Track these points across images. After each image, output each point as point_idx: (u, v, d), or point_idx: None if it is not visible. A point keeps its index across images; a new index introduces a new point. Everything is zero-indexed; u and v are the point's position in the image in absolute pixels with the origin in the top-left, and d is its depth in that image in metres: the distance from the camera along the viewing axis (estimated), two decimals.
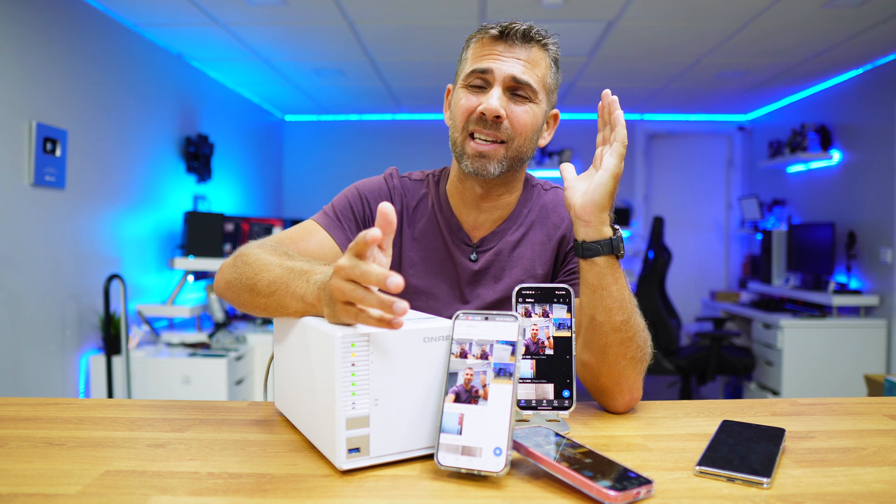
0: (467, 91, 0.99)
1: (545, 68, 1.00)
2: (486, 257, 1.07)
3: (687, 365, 3.84)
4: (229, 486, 0.61)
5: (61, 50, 2.70)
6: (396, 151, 5.53)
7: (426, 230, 1.10)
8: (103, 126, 3.02)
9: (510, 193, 1.08)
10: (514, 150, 0.99)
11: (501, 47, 0.98)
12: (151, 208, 3.46)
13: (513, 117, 0.97)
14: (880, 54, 3.60)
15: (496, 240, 1.08)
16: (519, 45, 0.98)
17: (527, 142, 1.00)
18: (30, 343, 2.56)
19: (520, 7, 2.94)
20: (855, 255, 3.87)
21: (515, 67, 0.97)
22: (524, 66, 0.97)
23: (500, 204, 1.07)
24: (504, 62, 0.97)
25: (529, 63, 0.98)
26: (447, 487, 0.61)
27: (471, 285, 1.08)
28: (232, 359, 3.12)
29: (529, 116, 0.98)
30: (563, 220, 1.09)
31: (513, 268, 1.07)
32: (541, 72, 0.99)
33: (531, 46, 0.99)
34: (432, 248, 1.09)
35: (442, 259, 1.08)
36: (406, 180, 1.14)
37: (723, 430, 0.74)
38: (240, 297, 0.89)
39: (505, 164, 0.99)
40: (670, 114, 5.41)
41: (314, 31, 3.35)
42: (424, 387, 0.68)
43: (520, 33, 0.97)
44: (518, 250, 1.08)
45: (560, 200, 1.11)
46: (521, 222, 1.09)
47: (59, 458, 0.69)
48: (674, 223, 5.30)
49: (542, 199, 1.11)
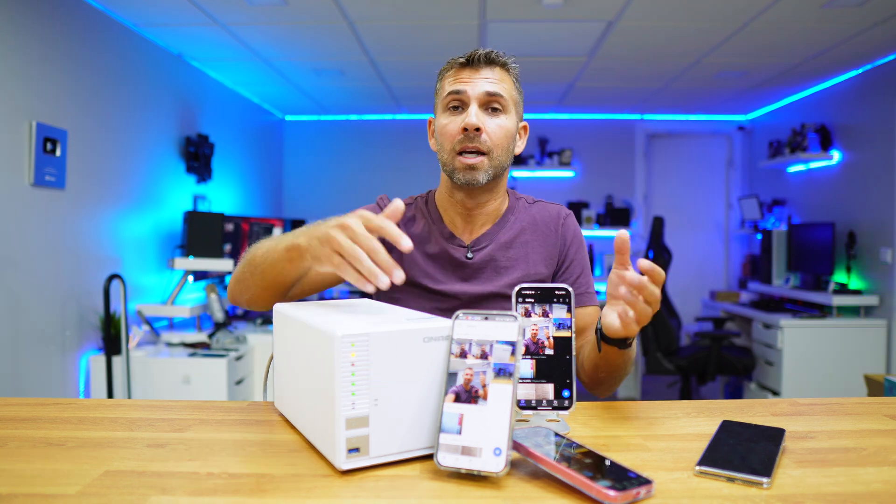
0: (447, 113, 1.14)
1: (510, 84, 1.16)
2: (482, 255, 1.19)
3: (687, 365, 3.84)
4: (229, 486, 0.61)
5: (61, 50, 2.70)
6: (396, 151, 5.53)
7: (422, 236, 1.22)
8: (103, 126, 3.02)
9: (495, 199, 1.21)
10: (495, 159, 1.14)
11: (469, 71, 1.13)
12: (151, 208, 3.46)
13: (489, 131, 1.12)
14: (880, 54, 3.60)
15: (488, 239, 1.20)
16: (484, 66, 1.13)
17: (504, 152, 1.15)
18: (30, 343, 2.56)
19: (520, 7, 2.94)
20: (855, 255, 3.87)
21: (486, 85, 1.12)
22: (492, 83, 1.12)
23: (487, 210, 1.21)
24: (475, 83, 1.12)
25: (496, 80, 1.13)
26: (447, 487, 0.61)
27: (470, 281, 1.19)
28: (232, 359, 3.12)
29: (503, 129, 1.13)
30: (556, 232, 1.22)
31: (511, 266, 1.19)
32: (507, 86, 1.15)
33: (494, 67, 1.14)
34: (430, 250, 1.21)
35: (439, 255, 1.20)
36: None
37: (723, 430, 0.74)
38: (245, 283, 1.06)
39: (490, 172, 1.14)
40: (670, 114, 5.41)
41: (314, 31, 3.35)
42: (424, 387, 0.68)
43: (483, 57, 1.13)
44: (513, 250, 1.20)
45: (547, 212, 1.25)
46: (511, 226, 1.22)
47: (59, 458, 0.69)
48: (674, 223, 5.30)
49: (529, 211, 1.25)
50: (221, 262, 3.42)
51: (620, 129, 5.51)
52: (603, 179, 5.50)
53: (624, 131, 5.51)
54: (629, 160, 5.53)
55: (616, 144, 5.51)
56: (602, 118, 5.47)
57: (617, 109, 5.26)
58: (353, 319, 0.70)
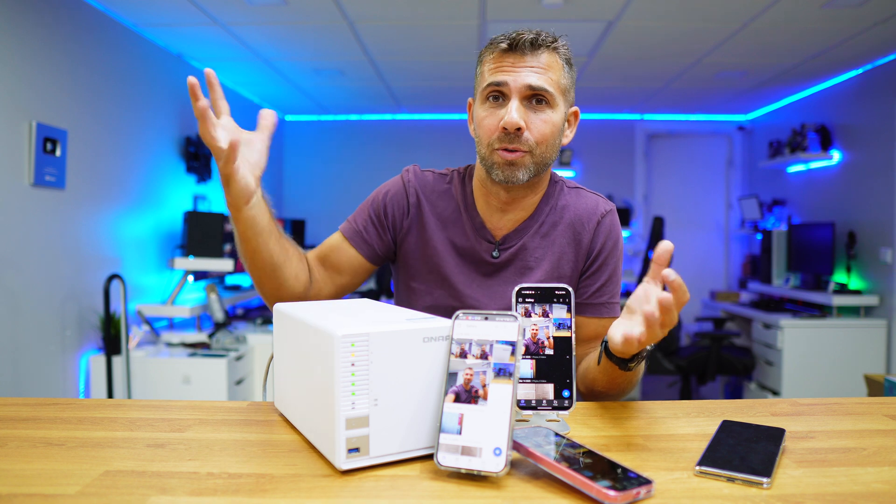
0: (487, 105, 1.03)
1: (558, 70, 1.02)
2: (508, 254, 1.11)
3: (687, 365, 3.84)
4: (229, 486, 0.61)
5: (61, 50, 2.70)
6: (396, 151, 5.53)
7: (450, 222, 1.14)
8: (103, 126, 3.02)
9: (535, 195, 1.11)
10: (538, 156, 1.03)
11: (513, 58, 1.00)
12: (151, 208, 3.46)
13: (532, 128, 1.01)
14: (880, 54, 3.60)
15: (518, 238, 1.11)
16: (529, 53, 1.00)
17: (549, 148, 1.04)
18: (30, 343, 2.56)
19: (520, 7, 2.94)
20: (855, 255, 3.87)
21: (529, 77, 0.99)
22: (537, 73, 1.00)
23: (524, 205, 1.11)
24: (518, 73, 0.99)
25: (542, 69, 1.00)
26: (447, 487, 0.61)
27: (492, 278, 1.11)
28: (232, 359, 3.12)
29: (548, 125, 1.02)
30: (589, 228, 1.12)
31: (537, 267, 1.10)
32: (554, 75, 1.02)
33: (541, 53, 1.01)
34: (456, 239, 1.13)
35: (464, 251, 1.12)
36: (427, 174, 1.18)
37: (723, 430, 0.74)
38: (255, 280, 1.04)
39: (532, 169, 1.03)
40: (670, 114, 5.41)
41: (314, 31, 3.35)
42: (424, 387, 0.67)
43: (528, 42, 0.99)
44: (541, 251, 1.11)
45: (584, 204, 1.13)
46: (543, 221, 1.12)
47: (59, 458, 0.68)
48: (674, 223, 5.30)
49: (565, 198, 1.14)
50: (221, 262, 3.42)
51: (620, 129, 5.51)
52: (603, 179, 5.50)
53: (624, 131, 5.52)
54: (629, 160, 5.53)
55: (616, 144, 5.51)
56: (602, 118, 5.47)
57: (617, 109, 5.26)
58: (353, 319, 0.70)
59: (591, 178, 5.49)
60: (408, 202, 1.15)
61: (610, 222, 1.12)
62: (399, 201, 1.15)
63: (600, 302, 1.10)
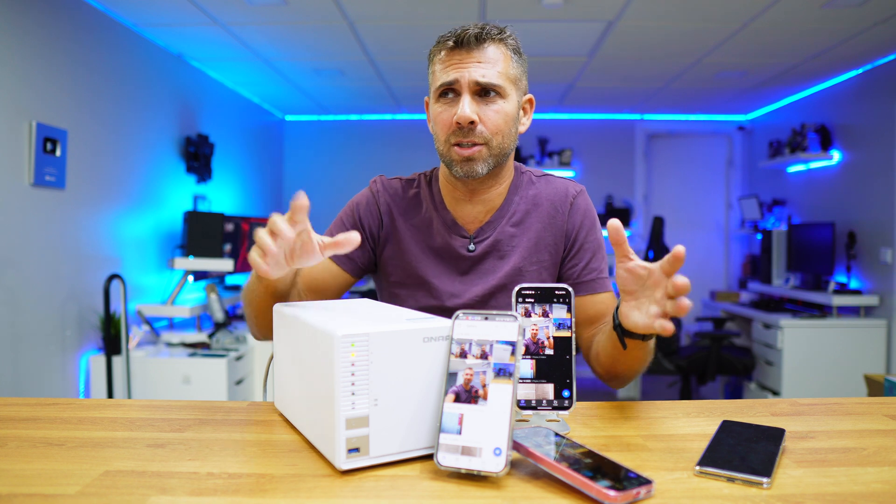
0: (441, 102, 1.06)
1: (507, 61, 1.05)
2: (484, 246, 1.14)
3: (687, 365, 3.84)
4: (229, 486, 0.61)
5: (61, 50, 2.70)
6: (396, 151, 5.53)
7: (423, 226, 1.16)
8: (103, 126, 3.02)
9: (499, 185, 1.14)
10: (496, 147, 1.05)
11: (460, 55, 1.03)
12: (151, 208, 3.46)
13: (486, 120, 1.03)
14: (880, 54, 3.60)
15: (491, 229, 1.14)
16: (476, 48, 1.03)
17: (505, 138, 1.06)
18: (30, 343, 2.56)
19: (520, 7, 2.94)
20: (855, 255, 3.87)
21: (476, 71, 1.02)
22: (485, 67, 1.02)
23: (490, 195, 1.14)
24: (466, 69, 1.02)
25: (489, 63, 1.03)
26: (447, 487, 0.61)
27: (471, 272, 1.14)
28: (232, 359, 3.12)
29: (501, 115, 1.04)
30: (563, 211, 1.14)
31: (512, 254, 1.13)
32: (503, 66, 1.04)
33: (487, 46, 1.03)
34: (431, 242, 1.16)
35: (440, 249, 1.15)
36: (395, 182, 1.21)
37: (723, 430, 0.74)
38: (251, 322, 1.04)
39: (490, 161, 1.06)
40: (670, 114, 5.41)
41: (314, 31, 3.35)
42: (424, 387, 0.67)
43: (473, 37, 1.02)
44: (516, 239, 1.14)
45: (554, 190, 1.16)
46: (514, 210, 1.15)
47: (59, 458, 0.69)
48: (674, 223, 5.30)
49: (534, 187, 1.17)
50: (221, 262, 3.42)
51: (620, 129, 5.51)
52: (603, 179, 5.50)
53: (624, 131, 5.52)
54: (629, 160, 5.53)
55: (616, 144, 5.51)
56: (602, 118, 5.47)
57: (617, 109, 5.26)
58: (353, 319, 0.70)
59: (591, 178, 5.49)
60: (380, 212, 1.18)
61: (583, 202, 1.16)
62: (372, 211, 1.19)
63: (591, 279, 1.13)
